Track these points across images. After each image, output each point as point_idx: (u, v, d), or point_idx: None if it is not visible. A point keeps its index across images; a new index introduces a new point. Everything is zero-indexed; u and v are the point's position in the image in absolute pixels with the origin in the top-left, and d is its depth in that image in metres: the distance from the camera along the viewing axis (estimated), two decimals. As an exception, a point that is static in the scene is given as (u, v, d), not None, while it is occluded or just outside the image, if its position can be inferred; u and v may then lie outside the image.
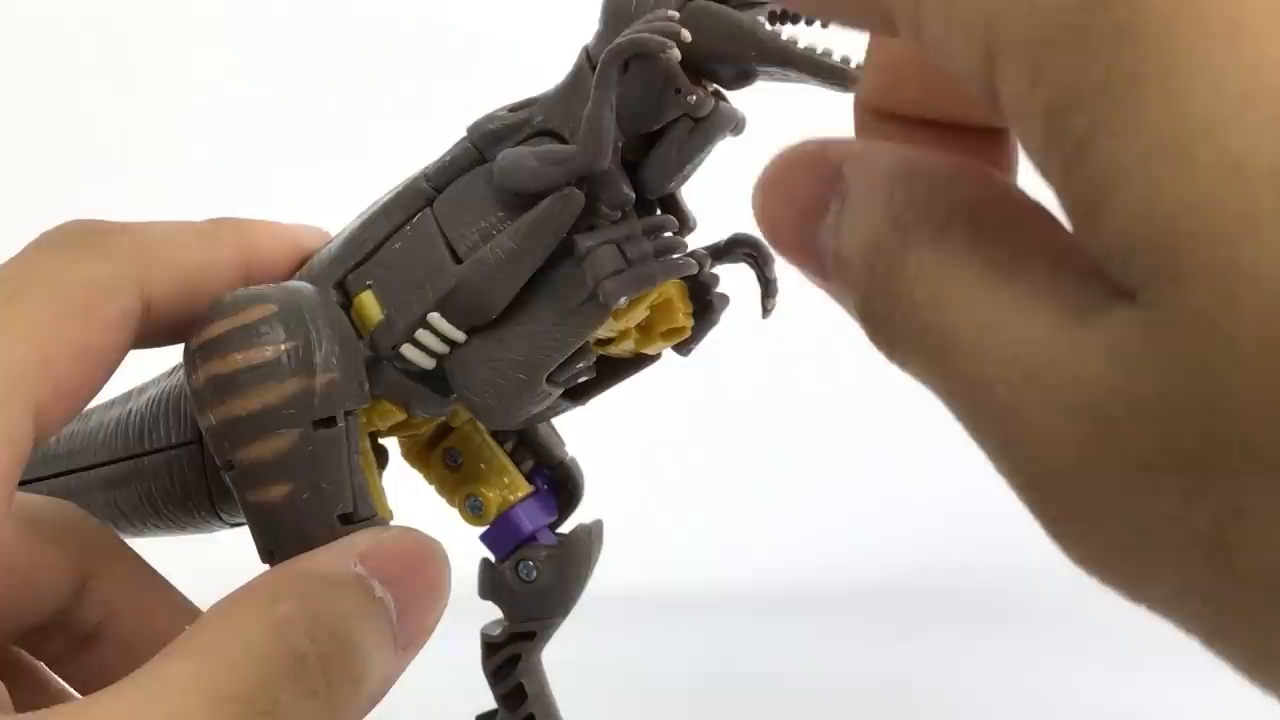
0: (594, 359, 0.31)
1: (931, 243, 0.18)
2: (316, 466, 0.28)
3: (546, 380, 0.29)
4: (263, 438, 0.28)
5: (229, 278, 0.31)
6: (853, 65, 0.28)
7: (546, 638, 0.37)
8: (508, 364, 0.30)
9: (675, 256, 0.30)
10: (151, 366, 0.36)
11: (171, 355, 0.34)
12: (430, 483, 0.37)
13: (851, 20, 0.20)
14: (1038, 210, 0.18)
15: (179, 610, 0.32)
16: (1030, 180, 0.18)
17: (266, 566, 0.29)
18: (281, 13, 0.90)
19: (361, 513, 0.29)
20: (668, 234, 0.30)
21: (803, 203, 0.21)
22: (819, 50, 0.28)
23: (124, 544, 0.32)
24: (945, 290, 0.18)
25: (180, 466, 0.34)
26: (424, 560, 0.29)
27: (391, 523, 0.30)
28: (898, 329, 0.19)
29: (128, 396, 0.36)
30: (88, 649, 0.31)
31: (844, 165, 0.20)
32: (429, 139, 0.34)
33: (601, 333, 0.30)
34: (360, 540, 0.28)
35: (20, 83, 0.88)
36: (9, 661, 0.31)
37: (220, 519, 0.35)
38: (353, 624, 0.27)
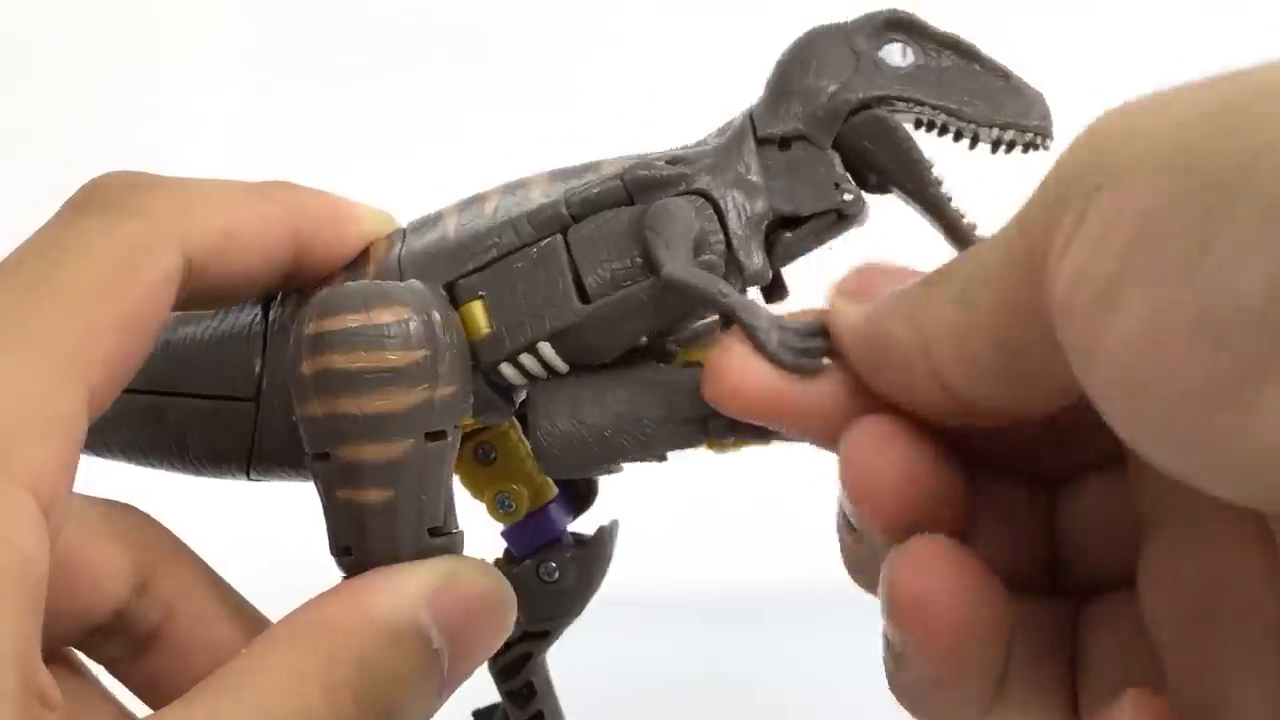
0: None
1: None
2: (421, 478, 0.28)
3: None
4: (374, 441, 0.27)
5: (277, 238, 0.30)
6: (975, 231, 0.30)
7: (558, 636, 0.37)
8: (591, 431, 0.29)
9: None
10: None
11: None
12: (455, 474, 0.36)
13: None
14: None
15: (240, 617, 0.31)
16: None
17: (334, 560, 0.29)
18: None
19: (449, 525, 0.29)
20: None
21: None
22: (966, 219, 0.30)
23: (186, 547, 0.31)
24: None
25: (225, 420, 0.32)
26: (492, 611, 0.29)
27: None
28: None
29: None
30: (146, 653, 0.31)
31: None
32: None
33: None
34: (434, 577, 0.28)
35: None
36: (61, 663, 0.30)
37: (248, 478, 0.33)
38: (404, 684, 0.26)
